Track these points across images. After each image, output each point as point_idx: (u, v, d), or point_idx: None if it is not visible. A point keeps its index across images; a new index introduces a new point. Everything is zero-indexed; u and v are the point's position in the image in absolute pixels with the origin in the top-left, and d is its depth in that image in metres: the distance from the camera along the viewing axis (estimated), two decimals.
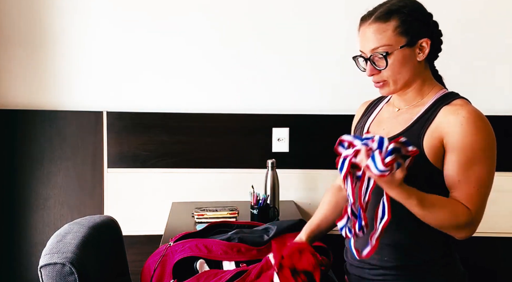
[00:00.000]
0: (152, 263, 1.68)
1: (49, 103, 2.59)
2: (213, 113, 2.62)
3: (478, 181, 1.38)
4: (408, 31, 1.43)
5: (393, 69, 1.44)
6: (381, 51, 1.43)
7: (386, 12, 1.44)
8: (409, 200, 1.31)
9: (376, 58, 1.45)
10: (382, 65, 1.44)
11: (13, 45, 2.56)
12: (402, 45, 1.43)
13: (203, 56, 2.61)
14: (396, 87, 1.48)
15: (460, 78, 2.60)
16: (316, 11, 2.59)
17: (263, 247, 1.73)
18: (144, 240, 2.62)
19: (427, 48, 1.45)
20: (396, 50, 1.43)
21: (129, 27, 2.58)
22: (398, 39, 1.43)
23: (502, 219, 2.66)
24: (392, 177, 1.26)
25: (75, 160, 2.60)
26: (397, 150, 1.26)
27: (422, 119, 1.45)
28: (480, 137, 1.38)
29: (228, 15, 2.59)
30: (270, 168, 2.37)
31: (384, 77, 1.47)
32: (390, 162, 1.24)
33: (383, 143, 1.26)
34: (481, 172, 1.38)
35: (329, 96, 2.64)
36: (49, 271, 1.45)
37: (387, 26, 1.43)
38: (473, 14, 2.59)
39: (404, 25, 1.43)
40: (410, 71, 1.46)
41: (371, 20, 1.45)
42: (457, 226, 1.37)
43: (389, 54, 1.43)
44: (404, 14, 1.43)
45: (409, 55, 1.44)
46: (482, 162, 1.39)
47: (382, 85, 1.49)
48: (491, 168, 1.41)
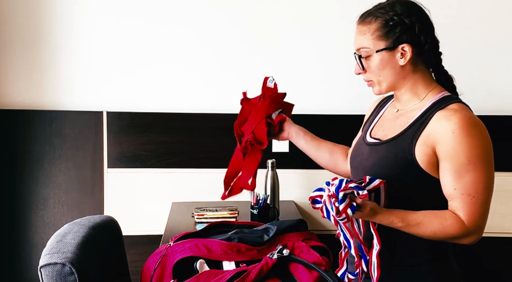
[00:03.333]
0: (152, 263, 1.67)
1: (49, 103, 2.59)
2: (213, 113, 2.62)
3: (474, 188, 1.37)
4: (388, 35, 1.44)
5: (373, 71, 1.47)
6: (361, 52, 1.47)
7: (369, 15, 1.47)
8: (392, 224, 1.37)
9: (359, 59, 1.48)
10: (360, 67, 1.49)
11: (13, 45, 2.56)
12: (379, 49, 1.44)
13: (203, 56, 2.61)
14: (381, 88, 1.50)
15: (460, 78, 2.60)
16: (317, 11, 2.59)
17: (263, 247, 1.73)
18: (144, 240, 2.62)
19: (408, 53, 1.44)
20: (373, 53, 1.45)
21: (129, 27, 2.58)
22: (376, 43, 1.44)
23: (503, 219, 2.66)
24: (363, 213, 1.33)
25: (75, 160, 2.60)
26: (349, 195, 1.32)
27: (417, 124, 1.44)
28: (473, 145, 1.36)
29: (228, 15, 2.59)
30: (270, 168, 2.37)
31: (369, 78, 1.50)
32: (343, 211, 1.30)
33: (341, 185, 1.32)
34: (476, 180, 1.37)
35: (329, 96, 2.64)
36: (49, 271, 1.45)
37: (368, 29, 1.45)
38: (473, 14, 2.59)
39: (383, 29, 1.44)
40: (392, 74, 1.47)
41: (359, 21, 1.49)
42: (451, 237, 1.39)
43: (365, 56, 1.46)
44: (386, 19, 1.44)
45: (388, 58, 1.45)
46: (477, 170, 1.37)
47: (370, 84, 1.52)
48: (487, 174, 1.39)
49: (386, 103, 1.65)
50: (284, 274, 1.58)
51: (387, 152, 1.47)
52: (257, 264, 1.57)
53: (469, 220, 1.37)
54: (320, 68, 2.63)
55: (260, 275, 1.53)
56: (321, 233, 2.45)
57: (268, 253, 1.64)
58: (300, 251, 1.67)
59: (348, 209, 1.30)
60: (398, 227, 1.37)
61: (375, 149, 1.51)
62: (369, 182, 1.36)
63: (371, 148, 1.52)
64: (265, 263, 1.56)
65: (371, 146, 1.53)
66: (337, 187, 1.32)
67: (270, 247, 1.72)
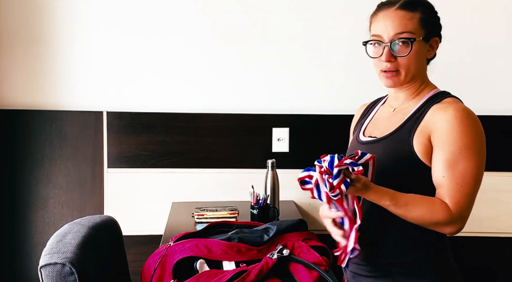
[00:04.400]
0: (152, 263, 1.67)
1: (49, 103, 2.59)
2: (213, 113, 2.62)
3: (462, 177, 1.38)
4: (427, 26, 1.46)
5: (410, 58, 1.45)
6: (406, 36, 1.43)
7: (412, 2, 1.46)
8: (382, 201, 1.36)
9: (399, 44, 1.44)
10: (403, 51, 1.44)
11: (13, 45, 2.56)
12: (422, 37, 1.45)
13: (203, 56, 2.61)
14: (405, 79, 1.48)
15: (459, 78, 2.61)
16: (317, 11, 2.59)
17: (263, 247, 1.73)
18: (144, 240, 2.62)
19: (435, 47, 1.49)
20: (418, 40, 1.44)
21: (129, 28, 2.58)
22: (420, 31, 1.45)
23: (502, 219, 2.66)
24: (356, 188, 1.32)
25: (75, 160, 2.60)
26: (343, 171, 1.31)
27: (414, 118, 1.47)
28: (467, 135, 1.38)
29: (228, 15, 2.59)
30: (270, 168, 2.37)
31: (398, 66, 1.46)
32: (337, 186, 1.29)
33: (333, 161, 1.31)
34: (465, 169, 1.38)
35: (329, 96, 2.64)
36: (49, 271, 1.45)
37: (414, 15, 1.45)
38: (473, 14, 2.59)
39: (426, 19, 1.45)
40: (420, 65, 1.48)
41: (397, 6, 1.45)
42: (436, 223, 1.38)
43: (406, 41, 1.43)
44: (427, 9, 1.47)
45: (423, 49, 1.47)
46: (467, 160, 1.38)
47: (393, 74, 1.47)
48: (477, 165, 1.39)
49: (375, 106, 1.67)
50: (284, 274, 1.58)
51: (385, 147, 1.49)
52: (257, 264, 1.57)
53: (454, 207, 1.37)
54: (320, 68, 2.62)
55: (260, 275, 1.53)
56: (321, 233, 2.44)
57: (268, 253, 1.64)
58: (300, 251, 1.68)
59: (342, 184, 1.30)
60: (387, 205, 1.36)
61: (372, 146, 1.52)
62: (361, 156, 1.37)
63: (368, 146, 1.53)
64: (265, 263, 1.56)
65: (367, 144, 1.54)
66: (330, 163, 1.31)
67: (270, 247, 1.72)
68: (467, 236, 2.65)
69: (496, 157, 2.64)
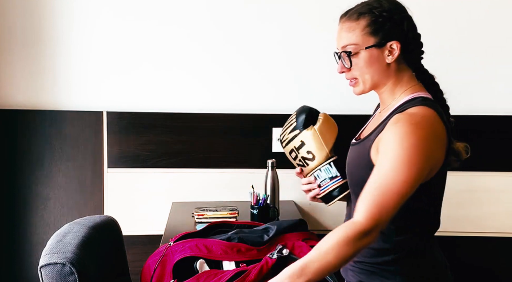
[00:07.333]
0: (152, 263, 1.68)
1: (49, 103, 2.59)
2: (213, 113, 2.62)
3: (379, 185, 1.28)
4: (377, 32, 1.42)
5: (360, 68, 1.45)
6: (348, 49, 1.45)
7: (358, 11, 1.45)
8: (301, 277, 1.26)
9: (345, 56, 1.46)
10: (347, 64, 1.46)
11: (13, 45, 2.56)
12: (368, 46, 1.42)
13: (203, 56, 2.61)
14: (366, 87, 1.47)
15: (459, 78, 2.60)
16: (317, 11, 2.59)
17: (263, 247, 1.73)
18: (144, 240, 2.62)
19: (396, 50, 1.42)
20: (362, 49, 1.43)
21: (129, 27, 2.58)
22: (366, 39, 1.43)
23: (502, 219, 2.66)
24: None
25: (75, 160, 2.60)
26: None
27: (382, 125, 1.42)
28: (402, 146, 1.29)
29: (229, 14, 2.59)
30: (270, 168, 2.37)
31: (354, 75, 1.47)
32: None
33: None
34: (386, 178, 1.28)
35: (330, 96, 2.63)
36: (49, 271, 1.45)
37: (357, 25, 1.44)
38: (473, 14, 2.59)
39: (373, 26, 1.42)
40: (378, 72, 1.45)
41: (344, 18, 1.47)
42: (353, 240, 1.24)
43: (353, 53, 1.43)
44: (375, 15, 1.42)
45: (376, 56, 1.43)
46: (395, 172, 1.28)
47: (353, 83, 1.49)
48: (404, 180, 1.27)
49: (378, 107, 1.65)
50: None
51: (355, 152, 1.50)
52: (257, 264, 1.57)
53: (363, 216, 1.26)
54: (320, 68, 2.62)
55: (260, 275, 1.53)
56: (321, 233, 2.44)
57: (268, 253, 1.64)
58: (300, 251, 1.68)
59: None
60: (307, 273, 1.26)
61: (351, 149, 1.55)
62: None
63: (350, 149, 1.56)
64: (265, 263, 1.56)
65: (350, 147, 1.56)
66: None
67: (270, 247, 1.72)
68: (467, 236, 2.66)
69: (496, 157, 2.65)
